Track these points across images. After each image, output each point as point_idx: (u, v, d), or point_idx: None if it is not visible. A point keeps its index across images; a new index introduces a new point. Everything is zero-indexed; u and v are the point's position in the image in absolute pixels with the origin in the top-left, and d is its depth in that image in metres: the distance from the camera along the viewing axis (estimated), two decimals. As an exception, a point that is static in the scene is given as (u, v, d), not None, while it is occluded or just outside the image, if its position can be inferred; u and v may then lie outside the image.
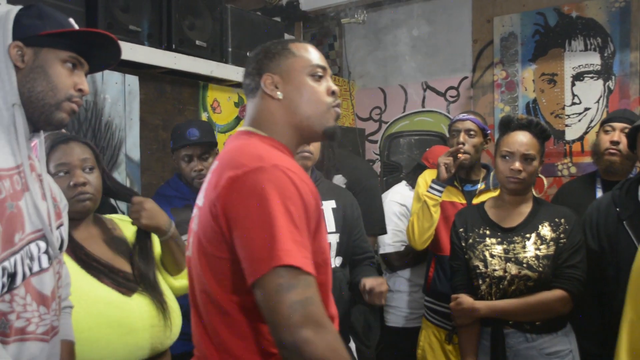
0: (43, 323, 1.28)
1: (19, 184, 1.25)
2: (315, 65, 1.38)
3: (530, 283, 2.03)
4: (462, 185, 2.63)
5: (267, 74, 1.36)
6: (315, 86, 1.36)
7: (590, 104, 3.37)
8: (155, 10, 2.64)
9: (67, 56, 1.31)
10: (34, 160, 1.35)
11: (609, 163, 2.44)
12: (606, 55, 3.31)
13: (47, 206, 1.34)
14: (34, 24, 1.28)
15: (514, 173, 2.07)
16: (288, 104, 1.35)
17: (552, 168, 3.40)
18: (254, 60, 1.41)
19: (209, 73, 2.89)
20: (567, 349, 2.09)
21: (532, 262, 2.05)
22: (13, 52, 1.26)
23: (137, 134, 2.64)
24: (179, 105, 2.89)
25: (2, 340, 1.19)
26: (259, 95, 1.38)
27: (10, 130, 1.26)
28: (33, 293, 1.26)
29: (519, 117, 2.14)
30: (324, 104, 1.36)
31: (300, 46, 1.41)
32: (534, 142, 2.10)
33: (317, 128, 1.36)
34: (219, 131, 3.08)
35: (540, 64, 3.49)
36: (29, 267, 1.25)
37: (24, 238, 1.24)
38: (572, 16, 3.39)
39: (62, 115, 1.31)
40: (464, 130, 2.57)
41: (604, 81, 3.33)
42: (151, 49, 2.60)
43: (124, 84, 2.59)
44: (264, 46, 1.43)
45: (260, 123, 1.37)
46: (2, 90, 1.25)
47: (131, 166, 2.61)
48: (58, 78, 1.29)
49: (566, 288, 2.03)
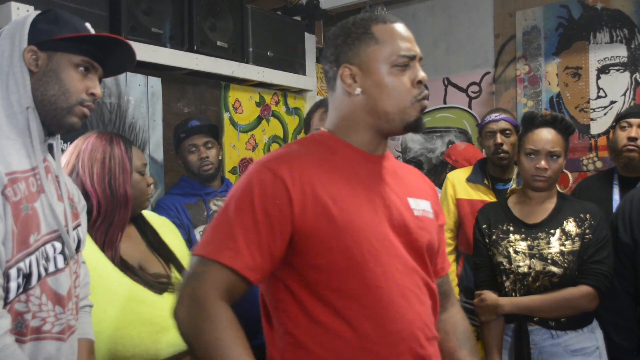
0: (59, 322, 1.28)
1: (34, 185, 1.25)
2: (400, 55, 1.22)
3: (555, 279, 1.99)
4: (493, 184, 2.61)
5: (345, 65, 1.23)
6: (398, 80, 1.21)
7: (616, 97, 3.27)
8: (176, 13, 2.64)
9: (80, 60, 1.30)
10: (50, 163, 1.36)
11: (628, 159, 2.39)
12: (633, 46, 3.21)
13: (64, 207, 1.34)
14: (49, 29, 1.28)
15: (539, 172, 2.03)
16: (366, 100, 1.23)
17: (578, 163, 3.31)
18: (332, 44, 1.28)
19: (230, 73, 2.89)
20: (594, 346, 2.04)
21: (557, 258, 2.00)
22: (27, 57, 1.26)
23: (160, 135, 2.65)
24: (201, 105, 2.88)
25: (19, 339, 1.19)
26: (337, 88, 1.27)
27: (25, 133, 1.26)
28: (48, 293, 1.26)
29: (543, 113, 2.08)
30: (407, 99, 1.22)
31: (386, 30, 1.24)
32: (558, 138, 2.05)
33: (398, 124, 1.24)
34: (241, 131, 3.07)
35: (564, 57, 3.40)
36: (44, 268, 1.25)
37: (39, 239, 1.24)
38: (597, 8, 3.30)
39: (74, 119, 1.31)
40: (499, 131, 2.58)
41: (630, 73, 3.23)
42: (173, 51, 2.61)
43: (146, 85, 2.60)
44: (345, 26, 1.27)
45: (337, 122, 1.28)
46: (17, 94, 1.25)
47: (155, 167, 2.61)
48: (70, 82, 1.29)
49: (592, 284, 1.99)
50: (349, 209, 1.16)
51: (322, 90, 3.58)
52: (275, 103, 3.26)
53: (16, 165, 1.22)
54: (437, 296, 1.30)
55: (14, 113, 1.25)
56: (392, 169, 1.31)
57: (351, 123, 1.26)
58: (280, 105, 3.29)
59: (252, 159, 3.11)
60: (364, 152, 1.27)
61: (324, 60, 1.30)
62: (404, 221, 1.23)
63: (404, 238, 1.22)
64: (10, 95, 1.25)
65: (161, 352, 1.58)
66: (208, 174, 2.43)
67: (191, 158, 2.43)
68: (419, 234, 1.25)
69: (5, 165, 1.20)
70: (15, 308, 1.20)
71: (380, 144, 1.29)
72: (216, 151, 2.47)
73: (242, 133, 3.07)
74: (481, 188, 2.59)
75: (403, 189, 1.29)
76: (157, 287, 1.65)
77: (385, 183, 1.26)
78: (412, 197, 1.29)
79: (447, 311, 1.44)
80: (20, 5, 2.07)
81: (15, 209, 1.18)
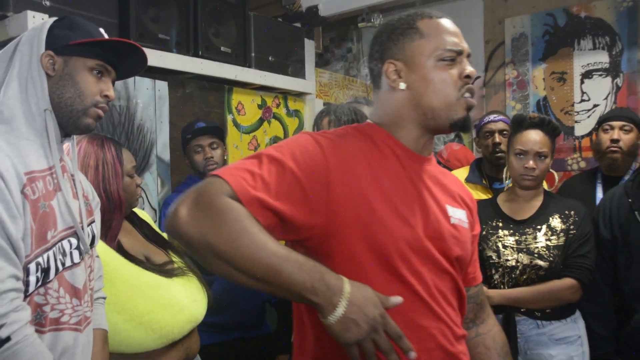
0: (76, 314, 1.29)
1: (51, 184, 1.26)
2: (446, 49, 1.13)
3: (541, 272, 2.01)
4: (490, 183, 2.61)
5: (390, 61, 1.16)
6: (445, 74, 1.13)
7: (599, 101, 3.29)
8: (182, 20, 2.64)
9: (95, 64, 1.31)
10: (66, 162, 1.36)
11: (611, 160, 2.42)
12: (614, 53, 3.23)
13: (79, 204, 1.34)
14: (65, 34, 1.29)
15: (528, 171, 2.04)
16: (412, 95, 1.14)
17: (563, 163, 3.33)
18: (377, 42, 1.20)
19: (233, 77, 2.89)
20: (576, 335, 2.07)
21: (543, 252, 2.02)
22: (45, 61, 1.27)
23: (167, 136, 2.65)
24: (205, 108, 2.89)
25: (38, 330, 1.20)
26: (382, 85, 1.19)
27: (42, 134, 1.27)
28: (66, 286, 1.27)
29: (532, 116, 2.10)
30: (453, 95, 1.13)
31: (431, 24, 1.16)
32: (546, 140, 2.06)
33: (443, 121, 1.14)
34: (243, 132, 3.07)
35: (550, 63, 3.42)
36: (61, 262, 1.26)
37: (56, 235, 1.25)
38: (581, 16, 3.31)
39: (89, 120, 1.32)
40: (497, 131, 2.59)
41: (612, 78, 3.24)
42: (179, 56, 2.61)
43: (154, 89, 2.60)
44: (389, 23, 1.19)
45: (383, 118, 1.19)
46: (35, 97, 1.26)
47: (162, 166, 2.62)
48: (85, 85, 1.30)
49: (576, 277, 2.01)
50: (387, 205, 1.08)
51: (320, 94, 3.59)
52: (276, 105, 3.27)
53: (34, 165, 1.23)
54: (465, 300, 1.24)
55: (32, 115, 1.25)
56: (434, 174, 1.23)
57: (397, 119, 1.17)
58: (281, 108, 3.29)
59: (254, 159, 3.12)
60: (410, 151, 1.18)
61: (369, 58, 1.22)
62: (440, 228, 1.15)
63: (437, 244, 1.13)
64: (29, 98, 1.25)
65: (182, 331, 1.61)
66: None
67: (197, 158, 2.44)
68: (452, 242, 1.17)
69: (24, 165, 1.20)
70: (35, 300, 1.20)
71: (427, 144, 1.21)
72: (221, 151, 2.48)
73: (245, 134, 3.07)
74: (479, 188, 2.59)
75: (443, 196, 1.21)
76: (166, 272, 1.66)
77: (426, 187, 1.17)
78: (450, 205, 1.21)
79: (484, 323, 1.38)
80: (35, 14, 2.07)
81: (34, 206, 1.19)
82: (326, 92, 3.67)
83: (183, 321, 1.61)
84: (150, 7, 2.50)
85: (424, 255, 1.10)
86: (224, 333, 2.27)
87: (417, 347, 1.01)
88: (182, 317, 1.61)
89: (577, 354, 2.04)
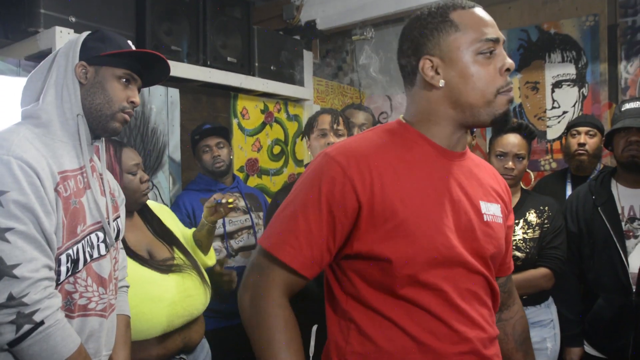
0: (102, 301, 1.29)
1: (81, 183, 1.26)
2: (484, 40, 0.99)
3: (518, 262, 2.01)
4: None
5: (425, 57, 1.01)
6: (484, 69, 0.99)
7: (567, 108, 3.31)
8: (193, 33, 2.64)
9: (123, 73, 1.31)
10: (95, 162, 1.36)
11: (579, 162, 2.45)
12: (580, 66, 3.25)
13: (106, 201, 1.34)
14: (97, 46, 1.29)
15: (507, 171, 2.06)
16: (449, 92, 1.01)
17: (536, 164, 3.35)
18: (408, 38, 1.05)
19: (238, 85, 2.88)
20: (549, 319, 2.08)
21: (521, 244, 2.03)
22: (78, 71, 1.27)
23: (178, 138, 2.64)
24: (213, 112, 2.88)
25: (68, 315, 1.20)
26: (417, 82, 1.05)
27: (75, 137, 1.27)
28: (93, 276, 1.27)
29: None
30: (493, 91, 0.99)
31: (466, 15, 1.01)
32: (523, 142, 2.08)
33: (484, 118, 1.01)
34: (247, 134, 3.07)
35: (525, 73, 3.43)
36: (89, 254, 1.26)
37: (85, 229, 1.25)
38: (551, 33, 3.33)
39: (116, 124, 1.32)
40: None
41: (578, 88, 3.27)
42: (189, 66, 2.61)
43: (167, 95, 2.59)
44: (420, 18, 1.04)
45: (416, 115, 1.07)
46: (69, 103, 1.26)
47: (173, 166, 2.61)
48: (114, 92, 1.30)
49: (549, 266, 2.03)
50: (417, 212, 0.99)
51: (317, 100, 3.59)
52: (278, 110, 3.26)
53: (67, 165, 1.23)
54: (498, 295, 1.14)
55: (66, 120, 1.26)
56: (469, 168, 1.11)
57: (431, 117, 1.05)
58: (281, 113, 3.29)
59: (257, 159, 3.12)
60: (442, 149, 1.06)
61: (400, 54, 1.08)
62: (472, 227, 1.05)
63: (469, 244, 1.03)
64: (64, 104, 1.26)
65: (172, 324, 1.60)
66: (220, 170, 2.45)
67: (205, 157, 2.44)
68: (485, 241, 1.06)
69: (58, 165, 1.20)
70: (65, 288, 1.21)
71: (460, 140, 1.08)
72: (227, 150, 2.48)
73: (249, 136, 3.07)
74: None
75: (476, 192, 1.09)
76: (163, 268, 1.65)
77: (458, 184, 1.06)
78: (483, 201, 1.10)
79: (509, 309, 1.29)
80: (62, 29, 2.07)
81: (66, 203, 1.19)
82: (323, 99, 3.67)
83: (173, 315, 1.59)
84: (164, 21, 2.50)
85: (456, 261, 1.01)
86: (230, 318, 2.28)
87: (451, 352, 0.97)
88: (172, 310, 1.59)
89: (549, 336, 2.06)
